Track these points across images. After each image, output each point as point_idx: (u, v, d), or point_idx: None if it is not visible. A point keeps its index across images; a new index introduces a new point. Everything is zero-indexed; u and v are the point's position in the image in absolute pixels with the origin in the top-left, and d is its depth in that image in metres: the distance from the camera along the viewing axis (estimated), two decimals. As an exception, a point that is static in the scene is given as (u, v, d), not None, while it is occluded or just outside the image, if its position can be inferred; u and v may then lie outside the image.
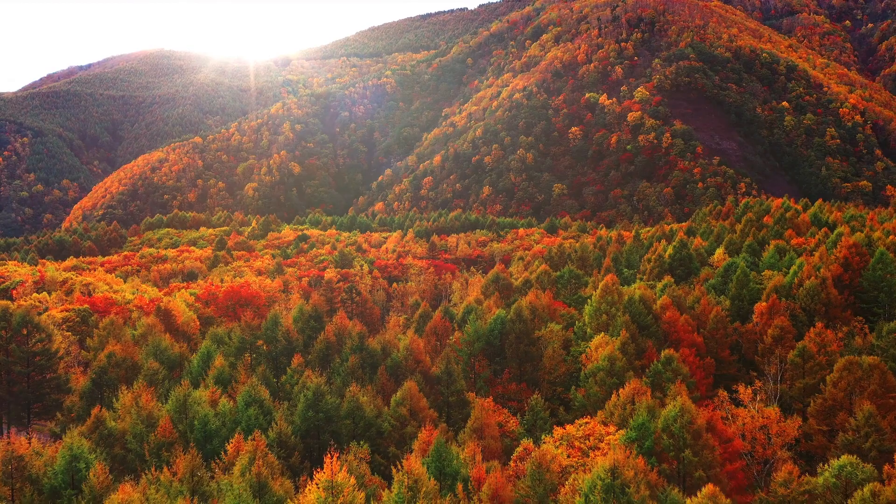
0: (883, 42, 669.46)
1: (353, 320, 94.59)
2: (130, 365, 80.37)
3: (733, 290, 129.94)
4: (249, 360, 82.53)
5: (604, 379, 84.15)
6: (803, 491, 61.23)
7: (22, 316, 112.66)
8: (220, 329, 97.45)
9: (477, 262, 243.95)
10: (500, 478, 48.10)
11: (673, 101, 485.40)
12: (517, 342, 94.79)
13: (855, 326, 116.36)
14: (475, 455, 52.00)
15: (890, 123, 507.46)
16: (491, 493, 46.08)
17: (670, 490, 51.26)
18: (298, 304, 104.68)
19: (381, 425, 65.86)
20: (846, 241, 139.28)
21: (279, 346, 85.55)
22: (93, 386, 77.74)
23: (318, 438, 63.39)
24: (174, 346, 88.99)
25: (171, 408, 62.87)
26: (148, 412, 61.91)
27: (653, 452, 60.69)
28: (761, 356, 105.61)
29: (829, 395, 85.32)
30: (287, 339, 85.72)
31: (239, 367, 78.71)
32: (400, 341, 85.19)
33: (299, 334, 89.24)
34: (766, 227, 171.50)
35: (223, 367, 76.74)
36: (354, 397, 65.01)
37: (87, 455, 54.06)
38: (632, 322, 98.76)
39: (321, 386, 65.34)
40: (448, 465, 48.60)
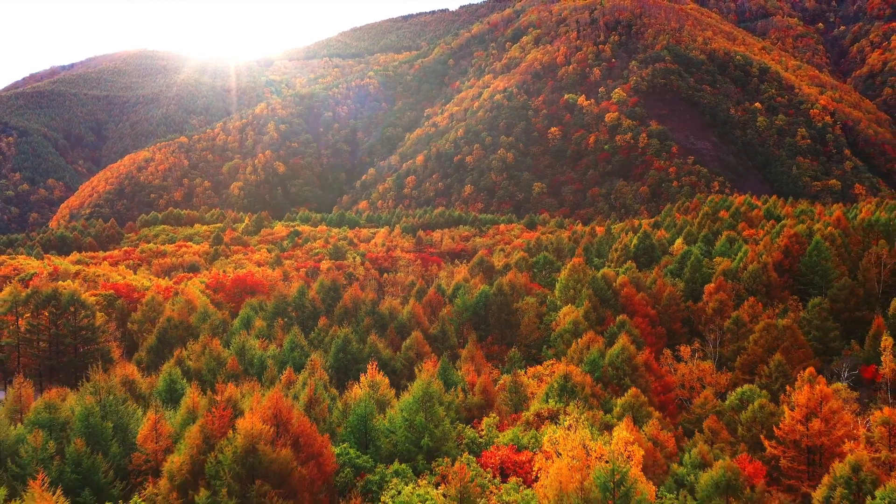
0: (854, 44, 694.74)
1: (365, 290, 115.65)
2: (185, 327, 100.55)
3: (688, 274, 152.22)
4: (282, 322, 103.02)
5: (569, 339, 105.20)
6: (715, 410, 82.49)
7: (70, 295, 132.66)
8: (254, 300, 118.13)
9: (461, 256, 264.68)
10: (488, 379, 69.09)
11: (649, 102, 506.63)
12: (499, 312, 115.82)
13: (790, 304, 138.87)
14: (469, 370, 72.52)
15: (859, 124, 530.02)
16: (481, 389, 66.98)
17: (610, 397, 72.28)
18: (320, 279, 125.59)
19: (394, 365, 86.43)
20: (788, 231, 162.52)
21: (306, 312, 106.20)
22: (158, 343, 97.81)
23: (347, 375, 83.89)
24: (217, 313, 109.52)
25: (235, 350, 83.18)
26: (217, 354, 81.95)
27: (601, 381, 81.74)
28: (704, 325, 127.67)
29: (751, 351, 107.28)
30: (313, 305, 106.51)
31: (275, 327, 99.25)
32: (403, 307, 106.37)
33: (321, 303, 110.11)
34: (720, 221, 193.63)
35: (262, 327, 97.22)
36: (374, 343, 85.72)
37: (180, 379, 74.19)
38: (594, 296, 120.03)
39: (349, 335, 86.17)
40: (450, 376, 69.06)
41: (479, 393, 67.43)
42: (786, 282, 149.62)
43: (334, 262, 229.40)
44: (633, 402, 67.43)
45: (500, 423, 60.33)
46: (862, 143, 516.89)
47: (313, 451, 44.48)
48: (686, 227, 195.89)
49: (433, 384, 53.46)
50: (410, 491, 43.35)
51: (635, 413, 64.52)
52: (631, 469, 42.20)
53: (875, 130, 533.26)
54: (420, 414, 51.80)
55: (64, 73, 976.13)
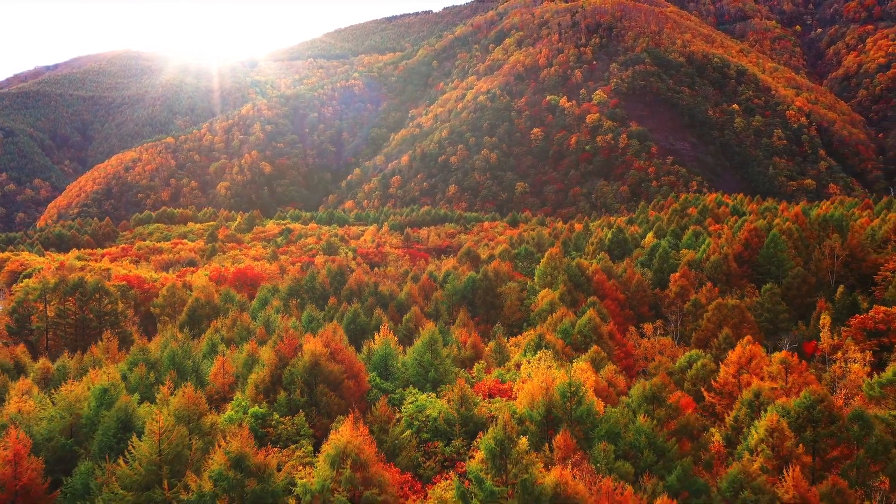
0: (830, 47, 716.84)
1: (368, 274, 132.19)
2: (212, 306, 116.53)
3: (656, 265, 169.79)
4: (296, 303, 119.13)
5: (546, 317, 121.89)
6: (668, 371, 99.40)
7: (95, 283, 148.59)
8: (268, 284, 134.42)
9: (446, 252, 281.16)
10: (478, 337, 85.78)
11: (629, 103, 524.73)
12: (484, 295, 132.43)
13: (747, 290, 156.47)
14: (462, 332, 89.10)
15: (834, 125, 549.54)
16: (472, 345, 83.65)
17: (577, 356, 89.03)
18: (327, 265, 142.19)
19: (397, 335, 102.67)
20: (748, 226, 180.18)
21: (317, 293, 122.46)
22: (188, 319, 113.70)
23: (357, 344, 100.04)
24: (237, 296, 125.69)
25: (261, 322, 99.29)
26: (247, 325, 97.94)
27: (571, 345, 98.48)
28: (667, 307, 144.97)
29: (704, 327, 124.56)
30: (322, 287, 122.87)
31: (290, 306, 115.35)
32: (401, 289, 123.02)
33: (330, 286, 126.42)
34: (688, 217, 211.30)
35: (279, 305, 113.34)
36: (379, 316, 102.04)
37: (219, 343, 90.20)
38: (569, 281, 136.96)
39: (357, 310, 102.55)
40: (446, 337, 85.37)
41: (470, 348, 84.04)
42: (745, 271, 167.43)
43: (327, 257, 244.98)
44: (594, 356, 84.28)
45: (486, 369, 76.71)
46: (836, 144, 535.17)
47: (353, 372, 60.71)
48: (657, 223, 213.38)
49: (436, 333, 69.62)
50: (425, 398, 59.77)
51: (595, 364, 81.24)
52: (585, 386, 58.93)
53: (849, 131, 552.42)
54: (427, 354, 68.08)
55: (48, 73, 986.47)
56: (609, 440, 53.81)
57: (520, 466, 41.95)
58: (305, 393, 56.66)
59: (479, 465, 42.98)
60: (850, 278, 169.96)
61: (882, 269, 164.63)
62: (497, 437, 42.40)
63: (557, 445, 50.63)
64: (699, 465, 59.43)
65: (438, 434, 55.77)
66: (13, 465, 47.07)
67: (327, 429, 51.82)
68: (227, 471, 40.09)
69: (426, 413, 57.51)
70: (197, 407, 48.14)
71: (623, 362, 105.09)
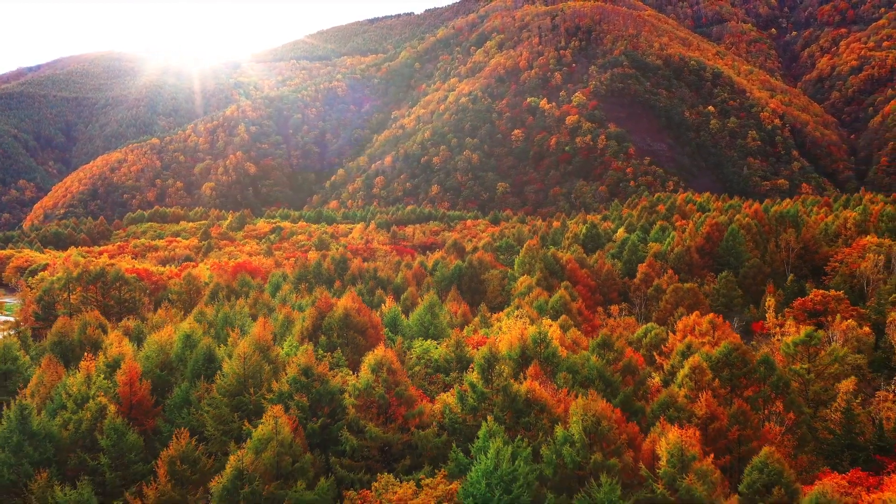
0: (805, 49, 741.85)
1: (368, 262, 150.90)
2: (231, 289, 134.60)
3: (626, 256, 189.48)
4: (305, 286, 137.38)
5: (524, 298, 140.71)
6: (628, 341, 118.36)
7: (116, 273, 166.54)
8: (278, 271, 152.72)
9: (431, 248, 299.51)
10: (467, 308, 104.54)
11: (608, 105, 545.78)
12: (469, 281, 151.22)
13: (707, 279, 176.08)
14: (453, 305, 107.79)
15: (807, 126, 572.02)
16: (461, 314, 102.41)
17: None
18: (330, 254, 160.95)
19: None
20: (710, 221, 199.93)
21: (323, 278, 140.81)
22: (210, 299, 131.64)
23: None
24: (253, 280, 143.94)
25: (279, 300, 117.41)
26: (267, 302, 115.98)
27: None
28: (633, 293, 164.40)
29: (663, 308, 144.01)
30: (328, 273, 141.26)
31: (301, 289, 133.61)
32: (397, 275, 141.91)
33: (334, 272, 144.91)
34: (657, 213, 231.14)
35: (291, 289, 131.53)
36: (381, 296, 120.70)
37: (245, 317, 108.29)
38: (545, 269, 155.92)
39: (361, 290, 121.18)
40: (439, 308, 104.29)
41: (460, 317, 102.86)
42: (706, 262, 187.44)
43: (319, 252, 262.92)
44: (563, 322, 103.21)
45: (474, 331, 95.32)
46: (809, 145, 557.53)
47: (373, 324, 79.35)
48: (628, 219, 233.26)
49: (435, 299, 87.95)
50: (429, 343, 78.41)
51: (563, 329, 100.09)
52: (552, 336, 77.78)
53: (822, 132, 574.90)
54: (427, 315, 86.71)
55: (31, 74, 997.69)
56: (569, 373, 72.74)
57: (502, 378, 60.61)
58: (340, 336, 75.05)
59: (473, 377, 61.60)
60: (804, 269, 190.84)
61: (831, 260, 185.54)
62: (485, 356, 61.01)
63: (529, 373, 69.35)
64: (639, 395, 78.29)
65: (439, 369, 74.18)
66: (129, 385, 65.34)
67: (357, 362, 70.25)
68: (299, 376, 58.20)
69: (430, 354, 75.99)
70: (265, 341, 66.29)
71: (589, 335, 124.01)
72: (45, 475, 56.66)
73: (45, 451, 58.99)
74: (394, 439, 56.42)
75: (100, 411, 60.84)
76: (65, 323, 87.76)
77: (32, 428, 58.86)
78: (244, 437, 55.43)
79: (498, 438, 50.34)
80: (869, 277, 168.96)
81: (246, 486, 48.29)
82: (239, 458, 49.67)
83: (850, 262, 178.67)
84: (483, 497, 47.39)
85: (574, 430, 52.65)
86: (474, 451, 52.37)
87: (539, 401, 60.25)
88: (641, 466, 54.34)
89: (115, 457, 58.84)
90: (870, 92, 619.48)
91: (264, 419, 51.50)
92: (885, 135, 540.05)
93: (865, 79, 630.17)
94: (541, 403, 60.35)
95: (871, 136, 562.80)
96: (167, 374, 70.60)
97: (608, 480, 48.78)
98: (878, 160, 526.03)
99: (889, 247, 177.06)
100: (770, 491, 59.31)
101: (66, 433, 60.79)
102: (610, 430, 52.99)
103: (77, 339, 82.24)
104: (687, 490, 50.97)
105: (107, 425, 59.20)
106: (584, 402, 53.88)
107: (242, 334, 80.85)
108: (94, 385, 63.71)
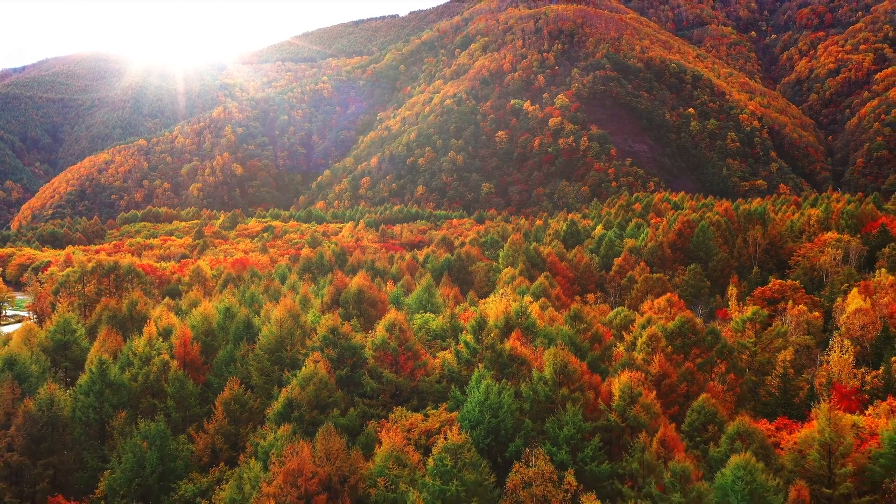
0: (784, 52, 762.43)
1: (365, 253, 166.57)
2: (241, 278, 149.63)
3: (603, 251, 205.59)
4: (309, 276, 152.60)
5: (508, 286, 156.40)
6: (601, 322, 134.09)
7: (128, 266, 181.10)
8: (282, 263, 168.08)
9: (419, 246, 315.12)
10: (458, 290, 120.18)
11: (590, 107, 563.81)
12: (458, 272, 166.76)
13: (678, 271, 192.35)
14: (445, 290, 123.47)
15: (784, 128, 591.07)
16: (453, 296, 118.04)
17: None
18: (332, 247, 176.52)
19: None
20: (682, 218, 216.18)
21: (325, 268, 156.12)
22: (223, 286, 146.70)
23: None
24: (260, 271, 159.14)
25: (287, 287, 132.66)
26: (277, 288, 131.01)
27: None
28: (608, 283, 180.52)
29: (635, 295, 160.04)
30: (329, 263, 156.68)
31: (305, 278, 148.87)
32: (392, 266, 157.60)
33: (335, 262, 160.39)
34: (633, 211, 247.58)
35: (297, 278, 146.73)
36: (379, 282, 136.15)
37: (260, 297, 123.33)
38: (528, 261, 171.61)
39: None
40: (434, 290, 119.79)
41: (452, 299, 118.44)
42: (678, 256, 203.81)
43: (312, 250, 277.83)
44: (542, 304, 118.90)
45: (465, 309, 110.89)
46: (787, 146, 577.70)
47: (381, 299, 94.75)
48: (606, 217, 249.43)
49: (431, 282, 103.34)
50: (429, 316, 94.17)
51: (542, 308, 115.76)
52: (531, 310, 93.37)
53: (800, 134, 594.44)
54: (425, 295, 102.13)
55: (16, 76, 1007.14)
56: (544, 339, 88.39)
57: (490, 337, 76.21)
58: (354, 308, 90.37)
59: (466, 337, 77.19)
60: (770, 263, 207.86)
61: (795, 254, 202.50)
62: (477, 320, 76.65)
63: (511, 337, 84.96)
64: (604, 360, 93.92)
65: (437, 336, 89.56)
66: (183, 346, 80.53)
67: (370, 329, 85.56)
68: (328, 335, 73.51)
69: (429, 325, 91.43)
70: (295, 310, 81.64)
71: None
72: (122, 415, 71.83)
73: (121, 396, 74.19)
74: (404, 384, 71.97)
75: (164, 366, 76.15)
76: (109, 302, 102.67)
77: (110, 378, 73.99)
78: (284, 383, 70.88)
79: (487, 378, 65.87)
80: (827, 270, 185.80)
81: (295, 412, 63.62)
82: (289, 391, 65.06)
83: (812, 256, 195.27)
84: (476, 420, 62.76)
85: (547, 372, 68.32)
86: (468, 391, 67.89)
87: (520, 356, 75.85)
88: (600, 402, 70.05)
89: (179, 401, 74.21)
90: (847, 94, 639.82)
91: (306, 363, 67.01)
92: (862, 136, 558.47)
93: (842, 81, 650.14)
94: (521, 358, 75.97)
95: (847, 137, 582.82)
96: (210, 340, 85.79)
97: (573, 408, 64.32)
98: (854, 161, 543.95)
99: (847, 242, 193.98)
100: (706, 428, 75.36)
101: (135, 384, 75.99)
102: (574, 373, 68.69)
103: (127, 313, 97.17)
104: (634, 418, 66.76)
105: (171, 376, 74.59)
106: (554, 350, 69.55)
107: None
108: (155, 346, 78.90)
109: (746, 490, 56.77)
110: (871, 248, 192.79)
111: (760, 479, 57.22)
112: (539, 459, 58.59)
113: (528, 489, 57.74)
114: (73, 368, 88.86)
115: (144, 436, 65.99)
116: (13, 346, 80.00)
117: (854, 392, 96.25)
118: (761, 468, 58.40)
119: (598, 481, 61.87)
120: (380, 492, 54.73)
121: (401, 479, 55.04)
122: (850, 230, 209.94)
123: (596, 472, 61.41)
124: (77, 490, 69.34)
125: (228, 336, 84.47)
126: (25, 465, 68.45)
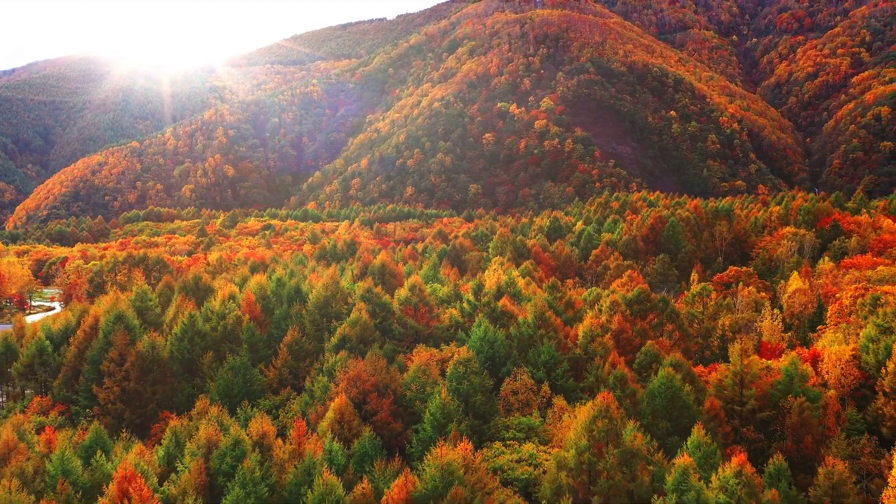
0: (764, 56, 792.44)
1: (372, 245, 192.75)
2: (264, 265, 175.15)
3: (582, 244, 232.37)
4: (324, 263, 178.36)
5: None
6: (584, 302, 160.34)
7: (157, 257, 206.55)
8: (298, 252, 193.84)
9: (412, 242, 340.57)
10: (457, 271, 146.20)
11: (574, 110, 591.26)
12: (454, 261, 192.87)
13: (650, 262, 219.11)
14: (446, 270, 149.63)
15: (764, 130, 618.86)
16: (453, 275, 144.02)
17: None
18: (343, 238, 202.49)
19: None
20: (654, 214, 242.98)
21: (338, 256, 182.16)
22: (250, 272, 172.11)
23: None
24: (280, 259, 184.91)
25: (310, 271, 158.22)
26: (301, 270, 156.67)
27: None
28: (586, 271, 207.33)
29: (608, 280, 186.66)
30: (342, 252, 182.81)
31: (322, 265, 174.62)
32: (396, 254, 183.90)
33: (347, 251, 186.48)
34: (610, 209, 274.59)
35: (315, 264, 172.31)
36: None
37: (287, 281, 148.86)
38: (514, 251, 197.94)
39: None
40: (438, 269, 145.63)
41: (453, 276, 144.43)
42: (650, 249, 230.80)
43: (313, 245, 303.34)
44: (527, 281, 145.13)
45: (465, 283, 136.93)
46: (766, 148, 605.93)
47: (399, 272, 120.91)
48: (586, 214, 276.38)
49: (437, 262, 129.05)
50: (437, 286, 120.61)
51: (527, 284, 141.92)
52: (518, 282, 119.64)
53: (778, 136, 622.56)
54: (431, 271, 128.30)
55: (7, 78, 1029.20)
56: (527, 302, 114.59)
57: (486, 297, 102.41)
58: (378, 279, 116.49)
59: (468, 296, 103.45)
60: (735, 255, 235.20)
61: (756, 247, 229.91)
62: (476, 283, 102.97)
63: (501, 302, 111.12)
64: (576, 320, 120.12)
65: (443, 301, 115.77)
66: (249, 305, 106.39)
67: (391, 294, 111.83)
68: (365, 294, 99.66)
69: (437, 293, 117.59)
70: (337, 276, 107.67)
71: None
72: (209, 355, 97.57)
73: (206, 342, 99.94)
74: (422, 330, 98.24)
75: (237, 319, 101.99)
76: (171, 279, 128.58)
77: (198, 327, 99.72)
78: (332, 331, 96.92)
79: (485, 322, 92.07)
80: (783, 260, 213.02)
81: (347, 343, 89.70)
82: (343, 329, 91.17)
83: (770, 248, 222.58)
84: (478, 349, 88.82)
85: (529, 317, 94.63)
86: (471, 333, 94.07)
87: (509, 311, 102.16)
88: (569, 342, 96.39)
89: (251, 345, 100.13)
90: (825, 97, 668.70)
91: (353, 311, 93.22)
92: (838, 138, 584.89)
93: (821, 84, 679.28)
94: (510, 313, 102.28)
95: (824, 139, 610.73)
96: (266, 303, 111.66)
97: (548, 343, 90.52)
98: (830, 162, 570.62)
99: (803, 235, 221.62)
100: (651, 366, 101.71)
101: (215, 333, 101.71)
102: (550, 319, 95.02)
103: (193, 284, 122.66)
104: (593, 351, 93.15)
105: (244, 327, 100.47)
106: (535, 302, 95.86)
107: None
108: (228, 306, 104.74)
109: (668, 394, 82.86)
110: (823, 240, 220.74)
111: (679, 385, 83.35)
112: (524, 376, 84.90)
113: (516, 396, 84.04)
114: (148, 327, 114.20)
115: (231, 366, 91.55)
116: (116, 306, 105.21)
117: (780, 349, 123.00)
118: (680, 379, 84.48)
119: (567, 393, 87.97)
120: (412, 393, 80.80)
121: (427, 384, 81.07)
122: (807, 225, 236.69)
123: (565, 386, 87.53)
124: (177, 410, 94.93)
125: (281, 299, 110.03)
126: (138, 390, 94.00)
